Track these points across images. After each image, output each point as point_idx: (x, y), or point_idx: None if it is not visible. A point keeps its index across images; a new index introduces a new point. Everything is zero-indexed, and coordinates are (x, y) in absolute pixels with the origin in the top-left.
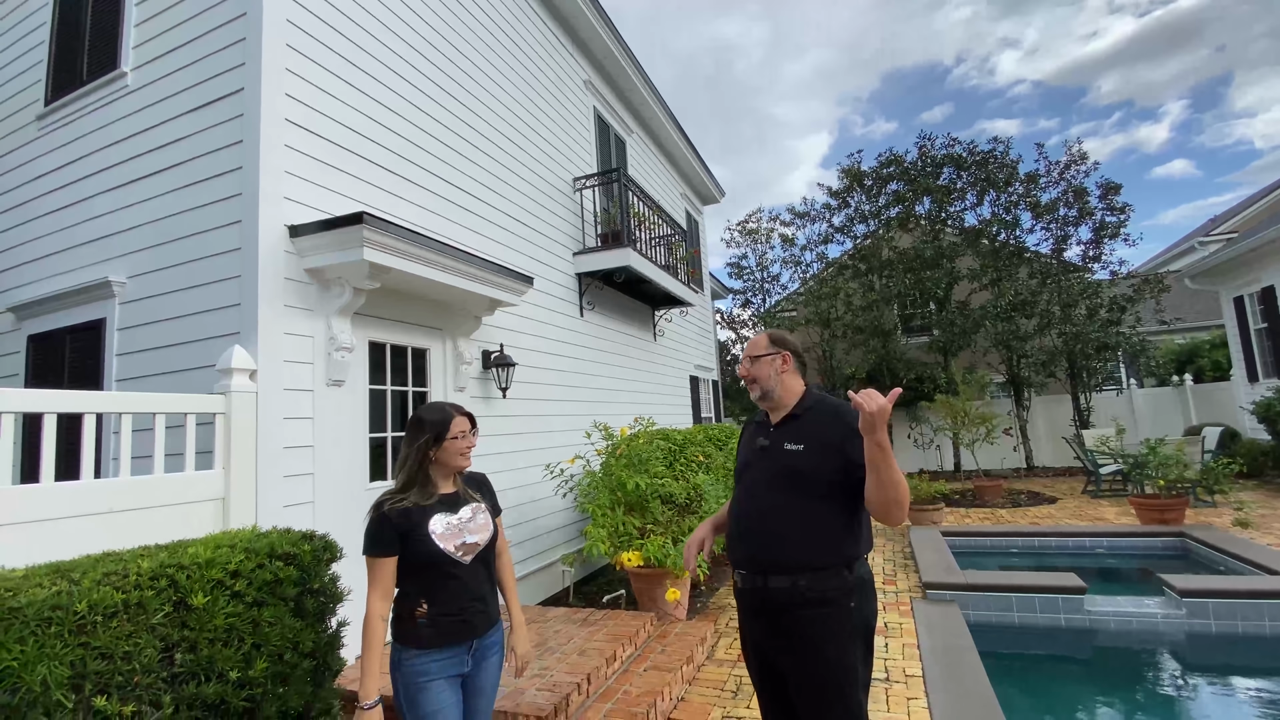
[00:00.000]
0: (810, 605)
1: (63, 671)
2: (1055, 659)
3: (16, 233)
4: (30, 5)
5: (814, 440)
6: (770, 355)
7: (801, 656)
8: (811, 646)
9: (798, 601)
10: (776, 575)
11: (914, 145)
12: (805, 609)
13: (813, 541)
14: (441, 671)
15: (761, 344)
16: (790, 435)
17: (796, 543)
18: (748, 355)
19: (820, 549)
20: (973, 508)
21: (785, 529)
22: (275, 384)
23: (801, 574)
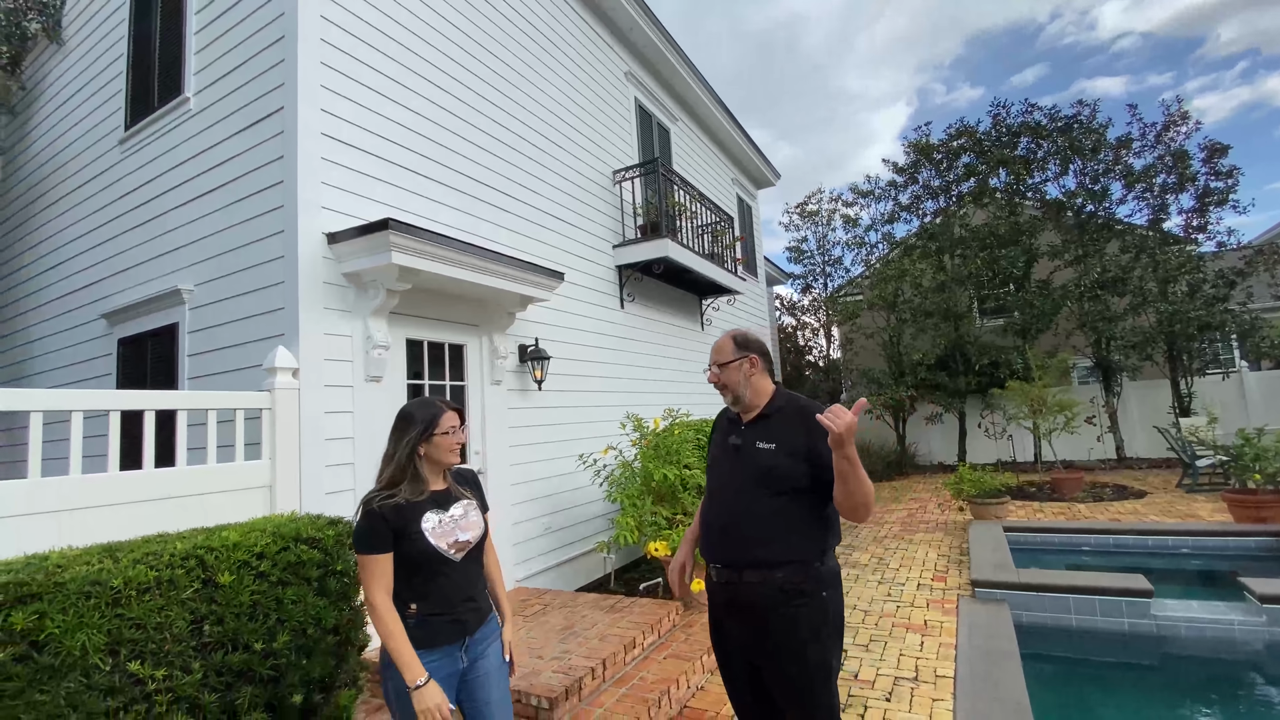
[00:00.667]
0: (785, 599)
1: (99, 639)
2: (1115, 666)
3: (108, 246)
4: (111, 39)
5: (784, 440)
6: (738, 360)
7: (781, 654)
8: (790, 644)
9: (772, 595)
10: (751, 570)
11: (987, 114)
12: (780, 604)
13: (785, 537)
14: (435, 673)
15: (727, 349)
16: (761, 434)
17: (769, 539)
18: (714, 362)
19: (792, 544)
20: (1048, 502)
21: (758, 526)
22: (317, 381)
23: (775, 569)
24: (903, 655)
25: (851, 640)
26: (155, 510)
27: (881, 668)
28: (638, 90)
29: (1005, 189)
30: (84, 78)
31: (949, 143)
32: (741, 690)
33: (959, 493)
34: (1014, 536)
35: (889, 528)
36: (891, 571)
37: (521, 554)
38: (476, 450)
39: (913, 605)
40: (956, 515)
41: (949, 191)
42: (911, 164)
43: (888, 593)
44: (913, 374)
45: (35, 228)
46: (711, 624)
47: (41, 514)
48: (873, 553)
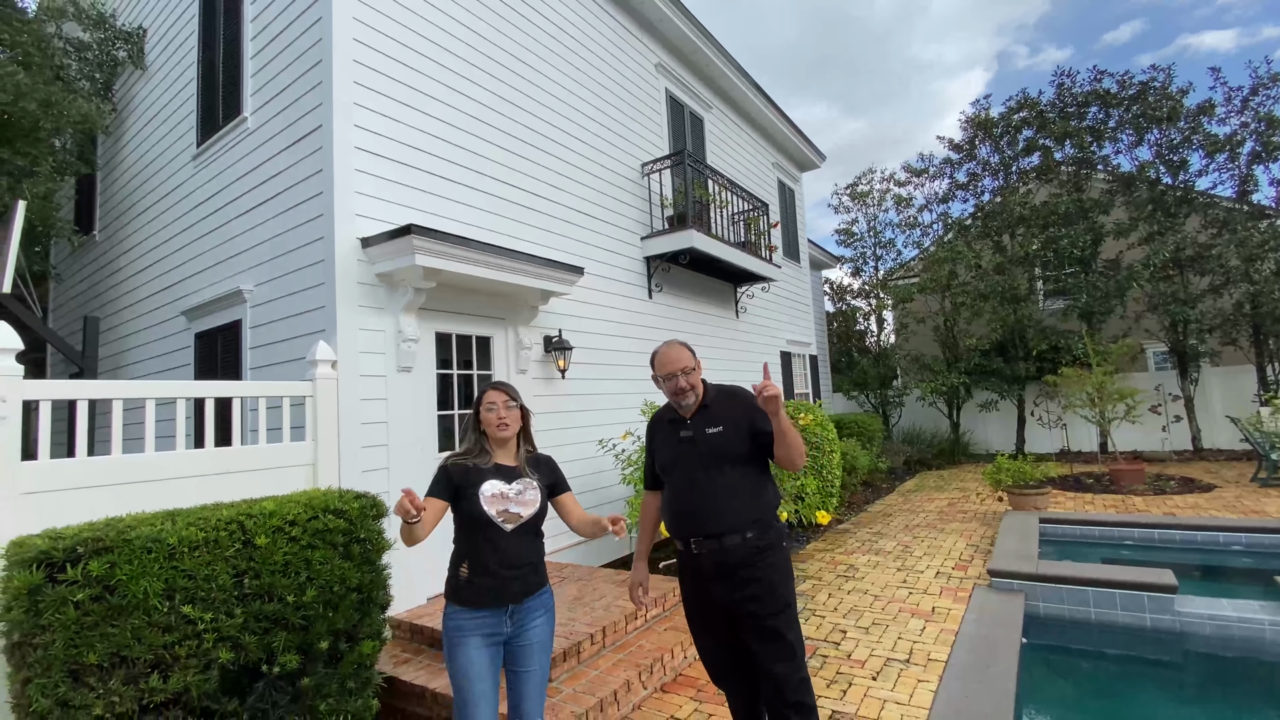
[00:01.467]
0: (760, 553)
1: (158, 585)
2: (1129, 661)
3: (185, 251)
4: (184, 64)
5: (728, 422)
6: (697, 367)
7: (763, 597)
8: (769, 587)
9: (751, 552)
10: (730, 535)
11: (1050, 83)
12: (755, 558)
13: (749, 502)
14: (476, 629)
15: (688, 358)
16: (708, 422)
17: (738, 507)
18: (682, 370)
19: (755, 507)
20: (1103, 494)
21: (727, 497)
22: (353, 371)
23: (748, 530)
24: (901, 639)
25: (854, 623)
26: (216, 483)
27: (876, 649)
28: (669, 81)
29: (1072, 161)
30: (163, 99)
31: (1009, 115)
32: (719, 643)
33: (997, 483)
34: (1051, 528)
35: (924, 516)
36: (914, 559)
37: (548, 528)
38: None
39: (925, 592)
40: (997, 506)
41: (1009, 168)
42: (968, 140)
43: (903, 579)
44: (969, 360)
45: (128, 235)
46: (690, 590)
47: (127, 484)
48: (900, 541)
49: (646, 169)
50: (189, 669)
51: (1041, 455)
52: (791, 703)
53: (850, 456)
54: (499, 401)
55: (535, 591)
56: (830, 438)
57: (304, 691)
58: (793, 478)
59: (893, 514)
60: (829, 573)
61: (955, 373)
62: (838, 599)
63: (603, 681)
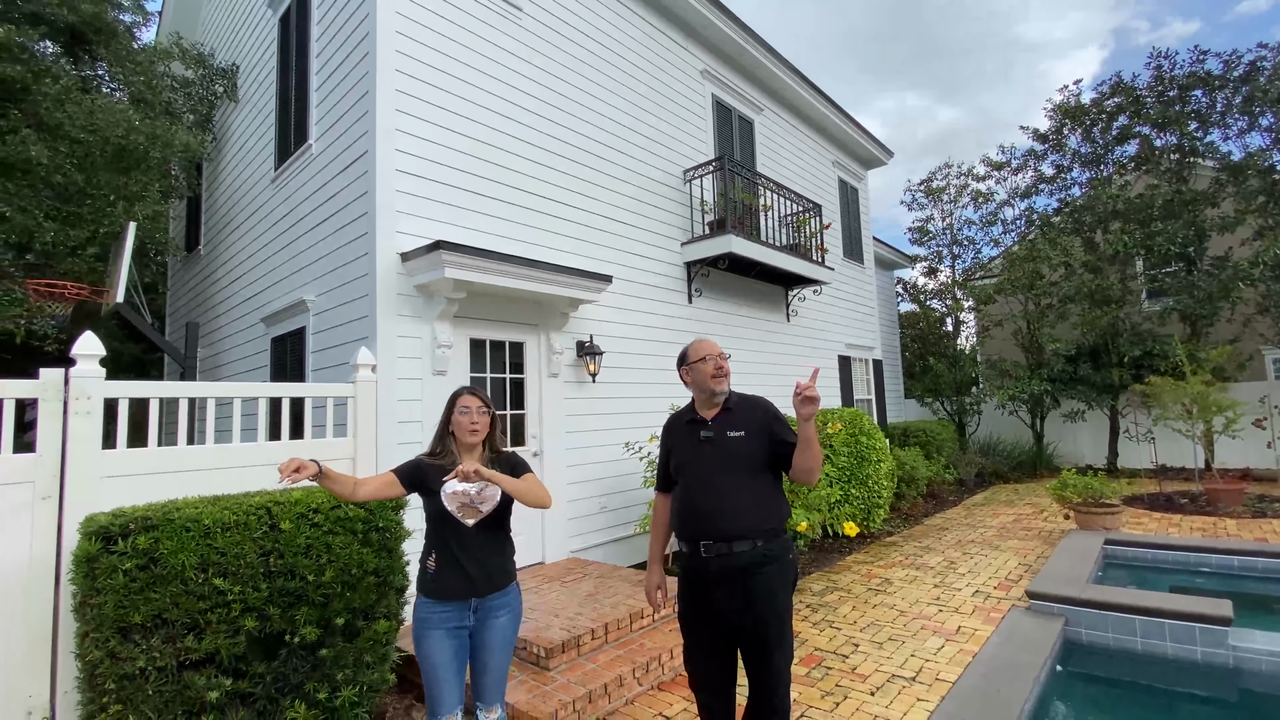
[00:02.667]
0: (767, 562)
1: (193, 559)
2: (1173, 695)
3: (264, 264)
4: (266, 96)
5: (750, 427)
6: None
7: (761, 607)
8: (768, 596)
9: (758, 561)
10: (740, 541)
11: (1146, 67)
12: (764, 566)
13: (762, 510)
14: (442, 623)
15: (719, 348)
16: (730, 425)
17: (753, 513)
18: (720, 354)
19: (768, 515)
20: (1195, 515)
21: (742, 503)
22: (391, 375)
23: (758, 538)
24: (913, 656)
25: (869, 637)
26: (263, 472)
27: (884, 665)
28: (715, 86)
29: (1174, 150)
30: (251, 128)
31: (1101, 102)
32: (715, 651)
33: (1062, 499)
34: (1119, 551)
35: (982, 532)
36: (955, 576)
37: (576, 528)
38: (534, 434)
39: (957, 611)
40: (1067, 524)
41: (1103, 159)
42: (1055, 130)
43: (937, 596)
44: (1054, 366)
45: (223, 250)
46: (690, 595)
47: (188, 471)
48: (947, 556)
49: (688, 175)
50: (219, 633)
51: (1136, 471)
52: (773, 707)
53: (909, 466)
54: (473, 406)
55: (500, 589)
56: (878, 446)
57: (323, 661)
58: (824, 484)
59: (950, 528)
60: (860, 585)
61: (1037, 379)
62: (861, 612)
63: (597, 675)
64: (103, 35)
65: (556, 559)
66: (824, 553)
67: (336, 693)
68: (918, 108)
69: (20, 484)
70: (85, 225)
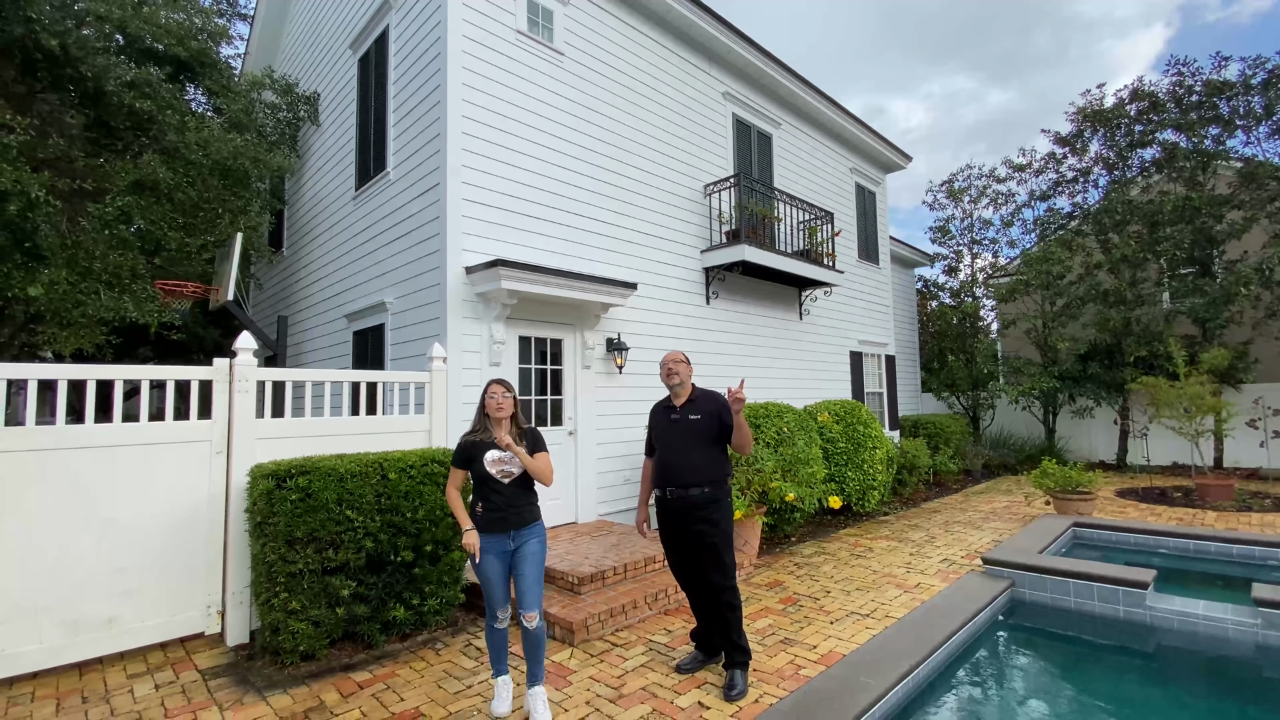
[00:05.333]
0: (715, 500)
1: (333, 496)
2: (1095, 646)
3: (346, 269)
4: (346, 124)
5: (705, 413)
6: (686, 364)
7: (708, 530)
8: (716, 522)
9: (710, 499)
10: (695, 488)
11: (1164, 74)
12: (713, 502)
13: (712, 467)
14: (490, 548)
15: (679, 359)
16: (691, 411)
17: (705, 469)
18: (672, 362)
19: (716, 471)
20: (1183, 508)
21: (698, 462)
22: (458, 366)
23: (708, 485)
24: (872, 601)
25: (841, 588)
26: (366, 439)
27: (847, 606)
28: (736, 106)
29: (1194, 154)
30: (331, 150)
31: (1122, 107)
32: (683, 560)
33: (1040, 485)
34: (1087, 533)
35: (971, 515)
36: (932, 548)
37: (603, 495)
38: (569, 416)
39: (922, 573)
40: (1048, 510)
41: (1122, 162)
42: (1075, 133)
43: (909, 562)
44: (1069, 364)
45: (306, 253)
46: (666, 525)
47: (313, 436)
48: (930, 533)
49: (708, 189)
50: (349, 549)
51: (1144, 467)
52: (723, 601)
53: (911, 455)
54: (498, 393)
55: (529, 523)
56: (874, 435)
57: (415, 577)
58: (817, 463)
59: (942, 511)
60: (845, 552)
61: (1048, 376)
62: (839, 570)
63: (617, 599)
64: (206, 67)
65: (587, 520)
66: (820, 526)
67: (424, 602)
68: (966, 91)
69: (202, 441)
70: (199, 234)
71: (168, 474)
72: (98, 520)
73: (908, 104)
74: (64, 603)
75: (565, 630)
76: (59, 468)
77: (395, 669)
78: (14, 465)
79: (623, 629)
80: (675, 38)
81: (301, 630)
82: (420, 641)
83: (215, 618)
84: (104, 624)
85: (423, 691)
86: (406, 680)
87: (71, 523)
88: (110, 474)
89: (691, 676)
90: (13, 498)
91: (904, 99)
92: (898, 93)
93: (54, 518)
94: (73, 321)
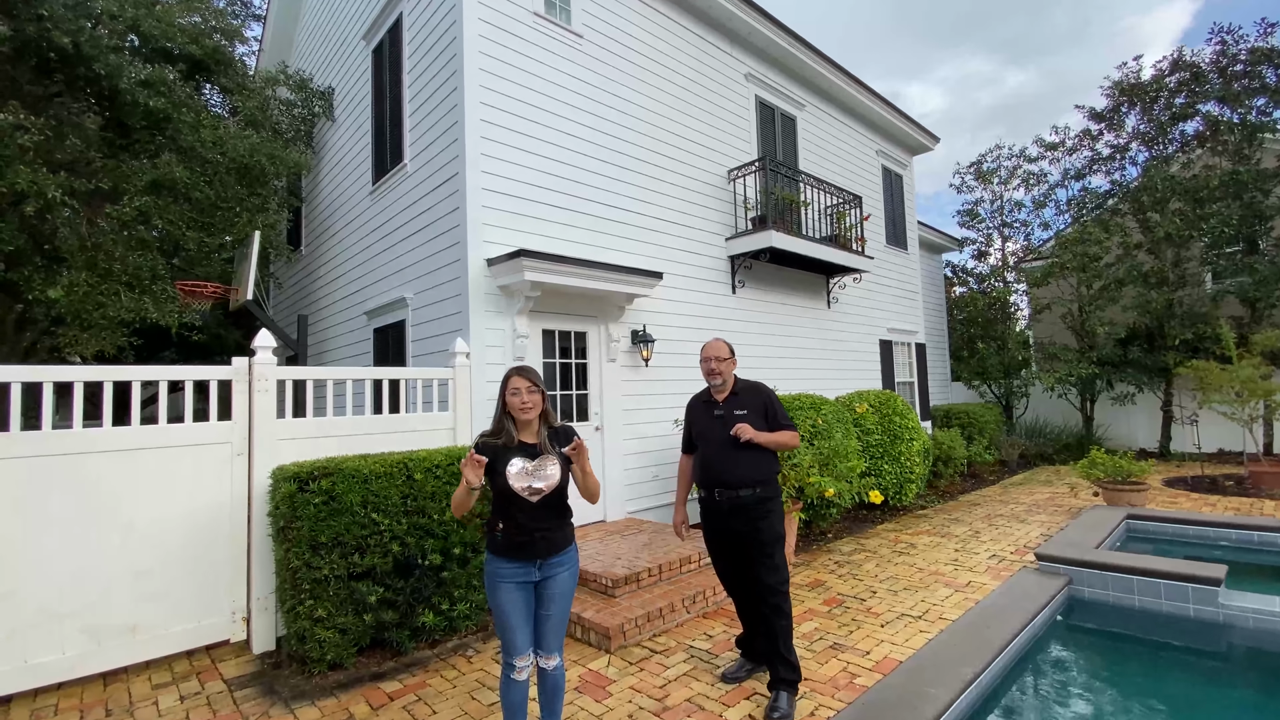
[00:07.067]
0: (764, 502)
1: (358, 498)
2: (1163, 646)
3: (365, 265)
4: (362, 119)
5: (751, 408)
6: (730, 359)
7: (762, 528)
8: (768, 523)
9: (759, 500)
10: (745, 489)
11: (1206, 42)
12: (762, 504)
13: (759, 467)
14: (511, 576)
15: (724, 351)
16: (736, 406)
17: (752, 469)
18: (716, 357)
19: (764, 471)
20: (1238, 497)
21: (745, 462)
22: (481, 361)
23: (758, 486)
24: (922, 602)
25: (887, 587)
26: (389, 439)
27: (896, 607)
28: (759, 88)
29: (1241, 127)
30: (347, 146)
31: (1161, 79)
32: (731, 564)
33: (1088, 475)
34: (1141, 525)
35: (1014, 508)
36: (977, 543)
37: (632, 492)
38: (595, 411)
39: (970, 570)
40: (1096, 501)
41: (1161, 138)
42: (1112, 109)
43: (955, 558)
44: (1105, 350)
45: (324, 251)
46: (710, 527)
47: (333, 436)
48: (973, 527)
49: (732, 175)
50: (375, 553)
51: (1188, 455)
52: (772, 605)
53: (946, 446)
54: (522, 387)
55: (561, 550)
56: (911, 426)
57: (444, 581)
58: (854, 457)
59: (982, 504)
60: (886, 548)
61: (1086, 362)
62: (882, 568)
63: (653, 602)
64: (221, 65)
65: (616, 518)
66: (856, 521)
67: (454, 606)
68: (981, 74)
69: (222, 443)
70: (218, 233)
71: (188, 477)
72: (118, 525)
73: (922, 89)
74: (88, 609)
75: (601, 636)
76: (76, 472)
77: (426, 679)
78: (31, 470)
79: (660, 634)
80: (695, 17)
81: (328, 639)
82: (450, 648)
83: (240, 624)
84: (127, 631)
85: (455, 704)
86: (438, 691)
87: (92, 527)
88: (130, 478)
89: (739, 687)
90: (31, 502)
91: (918, 84)
92: (911, 78)
93: (74, 523)
94: (93, 324)
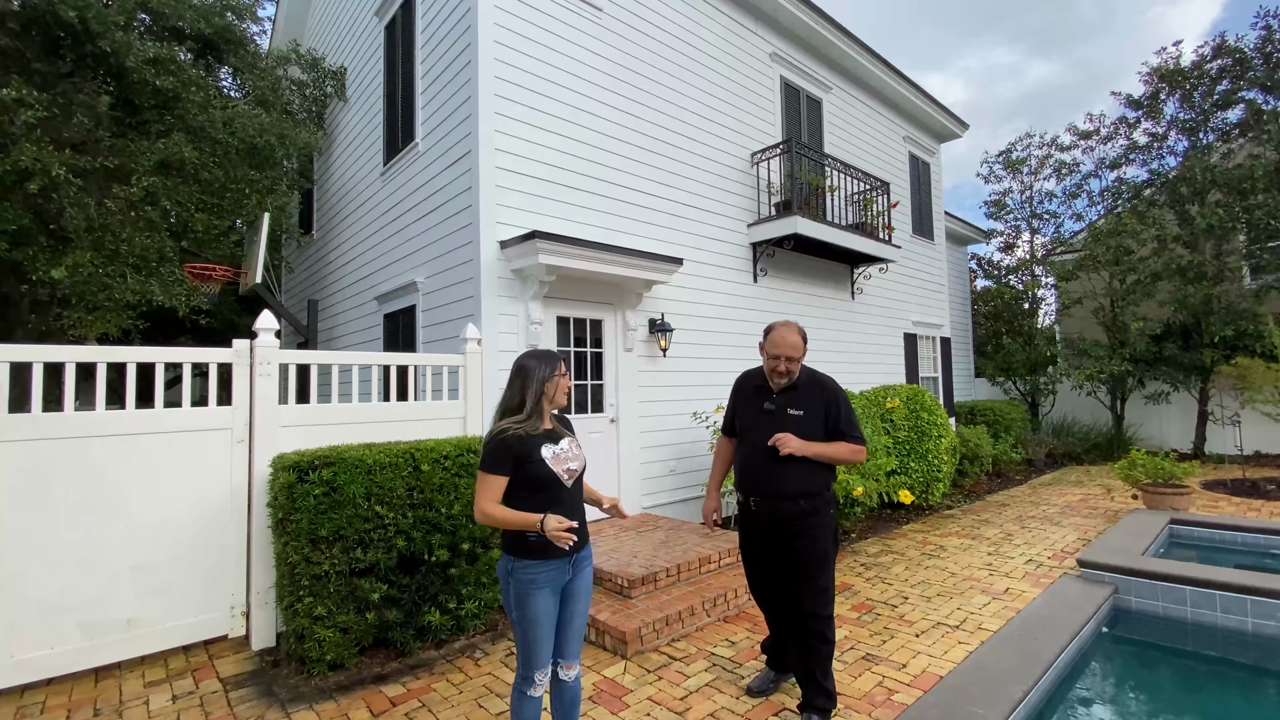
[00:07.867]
0: (808, 516)
1: (361, 490)
2: (1218, 662)
3: (376, 249)
4: (373, 98)
5: (810, 407)
6: (801, 356)
7: (803, 547)
8: (812, 540)
9: (801, 515)
10: (784, 501)
11: (1252, 26)
12: (805, 519)
13: (807, 477)
14: (548, 581)
15: (798, 346)
16: (791, 402)
17: (797, 479)
18: (788, 356)
19: (811, 482)
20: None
21: (790, 471)
22: (493, 347)
23: (802, 499)
24: (959, 609)
25: (919, 593)
26: (397, 427)
27: (931, 615)
28: (784, 68)
29: None
30: (359, 126)
31: (1202, 65)
32: (765, 579)
33: (1129, 479)
34: (1185, 530)
35: (1045, 510)
36: (1011, 547)
37: (647, 487)
38: (611, 403)
39: (1007, 575)
40: (1134, 504)
41: (1203, 126)
42: (1150, 96)
43: (989, 562)
44: (1138, 346)
45: (336, 235)
46: (747, 536)
47: (338, 424)
48: (1005, 530)
49: (756, 158)
50: (379, 549)
51: (1224, 457)
52: (814, 631)
53: (973, 444)
54: (564, 371)
55: (587, 541)
56: (939, 422)
57: (452, 578)
58: (881, 454)
59: (1011, 505)
60: (915, 550)
61: (1118, 359)
62: (912, 572)
63: (671, 604)
64: (232, 45)
65: (631, 513)
66: (882, 521)
67: (461, 604)
68: (1005, 65)
69: (222, 430)
70: (227, 215)
71: (186, 464)
72: (112, 515)
73: (944, 79)
74: (82, 602)
75: (617, 640)
76: (67, 457)
77: (431, 682)
78: (14, 454)
79: (679, 638)
80: None
81: (329, 638)
82: (457, 649)
83: (240, 619)
84: (123, 625)
85: (461, 712)
86: (444, 696)
87: (83, 516)
88: (125, 465)
89: (766, 701)
90: (15, 488)
91: (939, 74)
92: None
93: (63, 509)
94: (99, 305)
